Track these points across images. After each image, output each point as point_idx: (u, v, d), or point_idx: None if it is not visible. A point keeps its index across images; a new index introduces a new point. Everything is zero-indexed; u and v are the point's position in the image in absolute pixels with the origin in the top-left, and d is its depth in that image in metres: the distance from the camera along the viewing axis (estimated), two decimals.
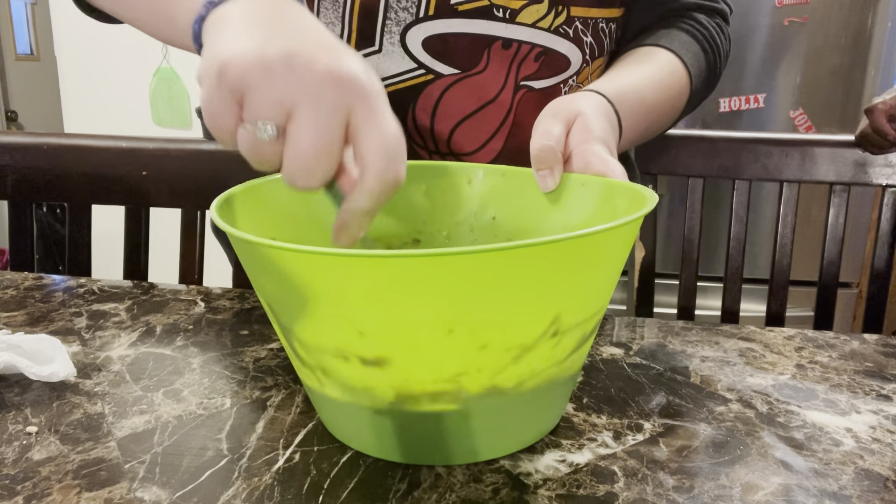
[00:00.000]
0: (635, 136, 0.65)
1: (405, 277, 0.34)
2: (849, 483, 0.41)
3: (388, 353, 0.37)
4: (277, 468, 0.41)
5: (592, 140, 0.53)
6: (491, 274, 0.34)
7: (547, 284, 0.36)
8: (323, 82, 0.36)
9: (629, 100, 0.61)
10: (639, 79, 0.65)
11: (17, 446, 0.43)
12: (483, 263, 0.34)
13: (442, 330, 0.35)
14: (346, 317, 0.36)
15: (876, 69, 1.66)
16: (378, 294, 0.34)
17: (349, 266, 0.34)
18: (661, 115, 0.68)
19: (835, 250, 0.95)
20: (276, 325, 0.41)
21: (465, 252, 0.33)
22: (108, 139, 0.87)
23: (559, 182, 0.52)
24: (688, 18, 0.73)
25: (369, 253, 0.33)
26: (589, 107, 0.56)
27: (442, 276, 0.34)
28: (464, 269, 0.34)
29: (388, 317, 0.35)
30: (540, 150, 0.52)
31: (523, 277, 0.35)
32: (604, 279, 0.40)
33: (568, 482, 0.40)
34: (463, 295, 0.35)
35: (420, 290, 0.34)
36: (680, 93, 0.69)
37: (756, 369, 0.55)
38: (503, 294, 0.35)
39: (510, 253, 0.34)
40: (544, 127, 0.53)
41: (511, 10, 0.64)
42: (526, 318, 0.37)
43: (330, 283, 0.35)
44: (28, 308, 0.64)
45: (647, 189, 0.45)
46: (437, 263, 0.33)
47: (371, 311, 0.35)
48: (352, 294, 0.35)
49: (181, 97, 2.19)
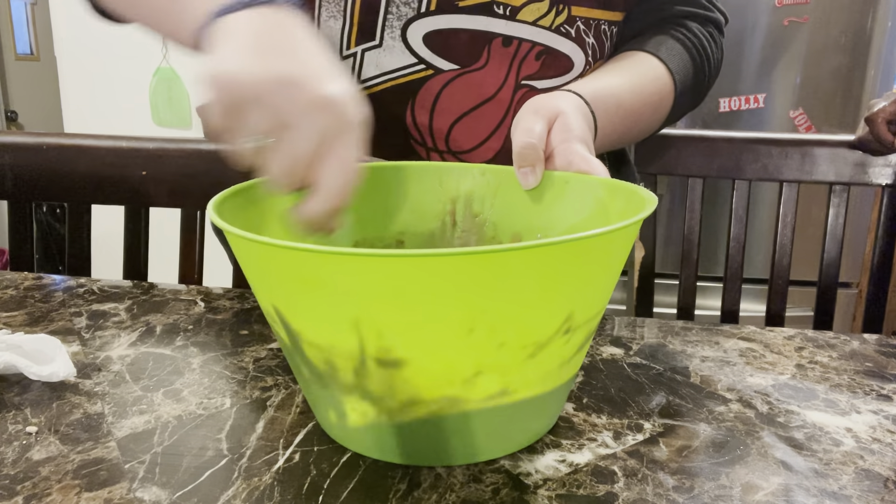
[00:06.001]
0: (611, 140, 0.65)
1: (427, 277, 0.34)
2: (849, 483, 0.41)
3: (406, 353, 0.36)
4: (277, 468, 0.41)
5: (573, 139, 0.53)
6: (511, 272, 0.34)
7: (564, 282, 0.37)
8: (307, 110, 0.41)
9: (606, 103, 0.62)
10: (619, 83, 0.65)
11: (17, 446, 0.43)
12: (504, 262, 0.34)
13: (462, 329, 0.36)
14: (362, 318, 0.36)
15: (876, 69, 1.66)
16: (396, 294, 0.34)
17: (369, 266, 0.34)
18: (639, 119, 0.68)
19: (835, 250, 0.95)
20: (282, 329, 0.40)
21: (486, 251, 0.33)
22: (108, 139, 0.87)
23: (540, 180, 0.52)
24: (680, 26, 0.73)
25: (391, 252, 0.33)
26: (569, 106, 0.56)
27: (464, 275, 0.34)
28: (485, 267, 0.34)
29: (406, 316, 0.35)
30: (522, 147, 0.52)
31: (543, 275, 0.35)
32: (610, 276, 0.41)
33: (568, 482, 0.40)
34: (484, 293, 0.35)
35: (440, 289, 0.34)
36: (662, 98, 0.69)
37: (756, 369, 0.55)
38: (523, 292, 0.35)
39: (531, 251, 0.34)
40: (526, 124, 0.54)
41: (512, 7, 0.64)
42: (544, 316, 0.37)
43: (349, 284, 0.35)
44: (28, 308, 0.64)
45: (643, 189, 0.45)
46: (459, 262, 0.33)
47: (388, 312, 0.35)
48: (368, 295, 0.35)
49: (181, 97, 2.19)
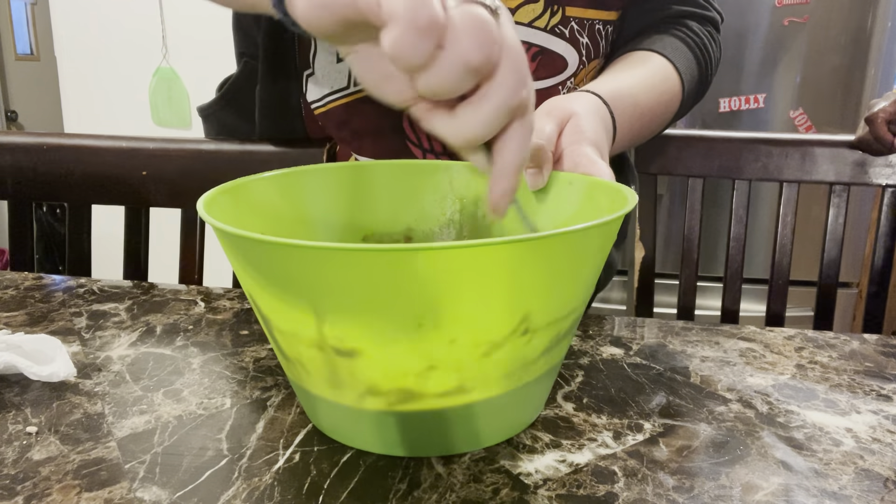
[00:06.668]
0: (628, 138, 0.65)
1: (374, 271, 0.34)
2: (849, 483, 0.41)
3: (359, 344, 0.37)
4: (277, 468, 0.41)
5: (583, 141, 0.53)
6: (457, 270, 0.34)
7: (514, 283, 0.36)
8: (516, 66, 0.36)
9: (624, 101, 0.62)
10: (634, 82, 0.65)
11: (17, 446, 0.43)
12: (447, 260, 0.34)
13: (410, 323, 0.36)
14: (317, 307, 0.36)
15: (876, 69, 1.66)
16: (346, 286, 0.35)
17: (318, 257, 0.35)
18: (653, 118, 0.68)
19: (835, 250, 0.95)
20: (260, 318, 0.42)
21: (425, 248, 0.33)
22: (108, 139, 0.87)
23: (547, 180, 0.52)
24: (680, 25, 0.73)
25: (342, 246, 0.34)
26: (583, 107, 0.56)
27: (409, 271, 0.34)
28: (428, 265, 0.34)
29: (357, 308, 0.36)
30: (531, 148, 0.52)
31: (488, 276, 0.35)
32: (577, 279, 0.40)
33: (568, 482, 0.40)
34: (429, 290, 0.35)
35: (388, 283, 0.35)
36: (672, 97, 0.69)
37: (756, 369, 0.55)
38: (469, 291, 0.35)
39: (474, 251, 0.34)
40: (536, 125, 0.54)
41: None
42: (493, 316, 0.37)
43: (300, 274, 0.36)
44: (28, 308, 0.64)
45: (628, 189, 0.45)
46: (401, 259, 0.34)
47: (340, 303, 0.36)
48: (321, 285, 0.36)
49: (181, 97, 2.19)
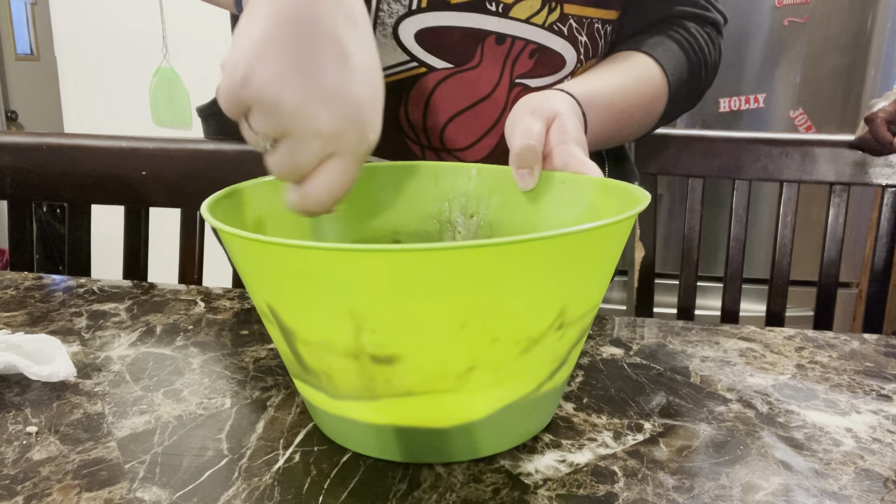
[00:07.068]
0: (601, 139, 0.65)
1: (421, 272, 0.34)
2: (849, 483, 0.41)
3: (400, 349, 0.36)
4: (277, 468, 0.41)
5: (570, 141, 0.53)
6: (505, 266, 0.34)
7: (556, 276, 0.37)
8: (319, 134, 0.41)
9: (598, 104, 0.62)
10: (611, 83, 0.65)
11: (17, 446, 0.43)
12: (497, 256, 0.34)
13: (456, 324, 0.35)
14: (357, 314, 0.36)
15: (876, 69, 1.66)
16: (391, 290, 0.34)
17: (363, 262, 0.34)
18: (631, 119, 0.68)
19: (835, 250, 0.95)
20: (277, 328, 0.40)
21: (479, 245, 0.33)
22: (108, 139, 0.87)
23: (538, 181, 0.52)
24: (678, 27, 0.73)
25: (385, 248, 0.33)
26: (565, 107, 0.56)
27: (457, 270, 0.34)
28: (479, 261, 0.34)
29: (401, 312, 0.35)
30: (522, 148, 0.52)
31: (536, 270, 0.35)
32: (604, 272, 0.41)
33: (568, 482, 0.40)
34: (477, 288, 0.35)
35: (434, 284, 0.34)
36: (655, 99, 0.69)
37: (756, 369, 0.55)
38: (516, 286, 0.35)
39: (524, 245, 0.34)
40: (524, 125, 0.54)
41: (504, 5, 0.64)
42: (536, 310, 0.37)
43: (342, 280, 0.35)
44: (28, 308, 0.64)
45: (637, 187, 0.45)
46: (451, 256, 0.33)
47: (383, 308, 0.35)
48: (363, 290, 0.35)
49: (181, 97, 2.19)
